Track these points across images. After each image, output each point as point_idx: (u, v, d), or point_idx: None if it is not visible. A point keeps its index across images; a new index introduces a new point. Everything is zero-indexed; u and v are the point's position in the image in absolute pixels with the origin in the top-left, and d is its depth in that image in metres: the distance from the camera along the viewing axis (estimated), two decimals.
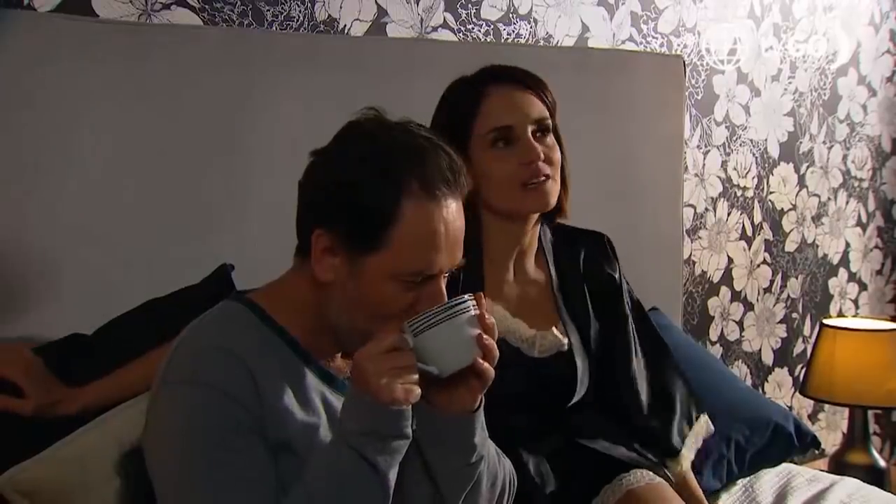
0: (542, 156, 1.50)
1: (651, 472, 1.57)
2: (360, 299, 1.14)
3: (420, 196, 1.12)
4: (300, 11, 1.94)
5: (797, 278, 3.07)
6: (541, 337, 1.57)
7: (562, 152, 1.58)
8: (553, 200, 1.53)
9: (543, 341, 1.56)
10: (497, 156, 1.51)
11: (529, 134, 1.51)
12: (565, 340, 1.58)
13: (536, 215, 1.58)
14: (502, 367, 1.51)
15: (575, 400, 1.58)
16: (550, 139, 1.54)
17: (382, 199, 1.11)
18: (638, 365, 1.66)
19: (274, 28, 1.90)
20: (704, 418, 1.72)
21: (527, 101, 1.52)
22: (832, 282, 3.20)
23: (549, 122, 1.54)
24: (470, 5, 2.20)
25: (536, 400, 1.56)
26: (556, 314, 1.60)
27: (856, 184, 3.23)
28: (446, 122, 1.53)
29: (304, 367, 1.18)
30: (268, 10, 1.89)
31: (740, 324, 2.91)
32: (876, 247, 3.35)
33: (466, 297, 1.12)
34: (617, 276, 1.69)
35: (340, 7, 1.99)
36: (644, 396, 1.65)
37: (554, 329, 1.58)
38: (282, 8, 1.91)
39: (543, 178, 1.51)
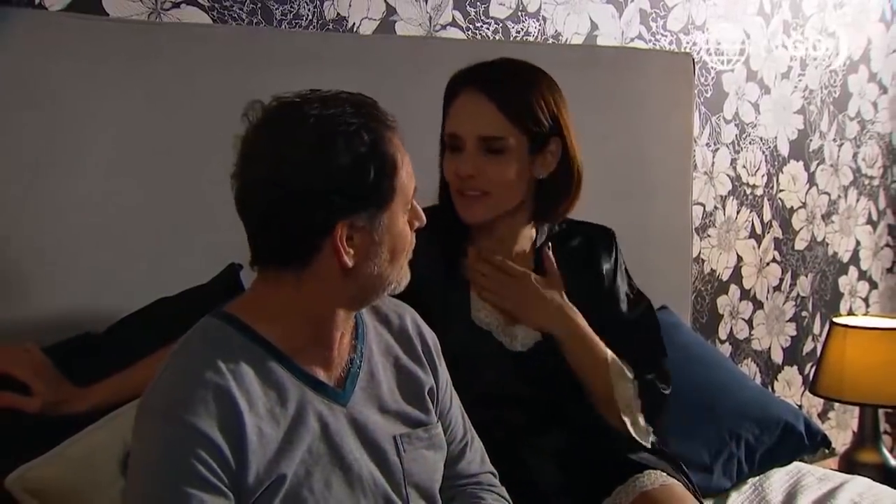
0: (468, 171, 1.51)
1: (665, 474, 1.56)
2: (391, 253, 1.17)
3: (392, 139, 1.15)
4: (309, 10, 1.94)
5: (807, 276, 3.06)
6: (521, 330, 1.58)
7: (568, 166, 1.57)
8: (482, 215, 1.54)
9: (524, 334, 1.58)
10: (448, 158, 1.55)
11: (474, 147, 1.51)
12: (539, 333, 1.59)
13: (513, 217, 1.58)
14: (488, 362, 1.54)
15: (568, 395, 1.59)
16: (500, 157, 1.51)
17: (385, 160, 1.13)
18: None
19: (283, 26, 1.90)
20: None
21: (482, 114, 1.51)
22: (842, 280, 3.19)
23: (503, 142, 1.50)
24: (479, 3, 2.20)
25: (527, 395, 1.57)
26: None
27: (866, 181, 3.22)
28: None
29: (293, 379, 1.15)
30: (277, 9, 1.89)
31: (750, 322, 2.90)
32: (886, 245, 3.33)
33: None
34: (611, 271, 1.67)
35: (349, 5, 1.99)
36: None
37: None
38: (291, 6, 1.91)
39: (473, 192, 1.52)
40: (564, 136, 1.57)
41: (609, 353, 1.60)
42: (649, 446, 1.60)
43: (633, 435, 1.59)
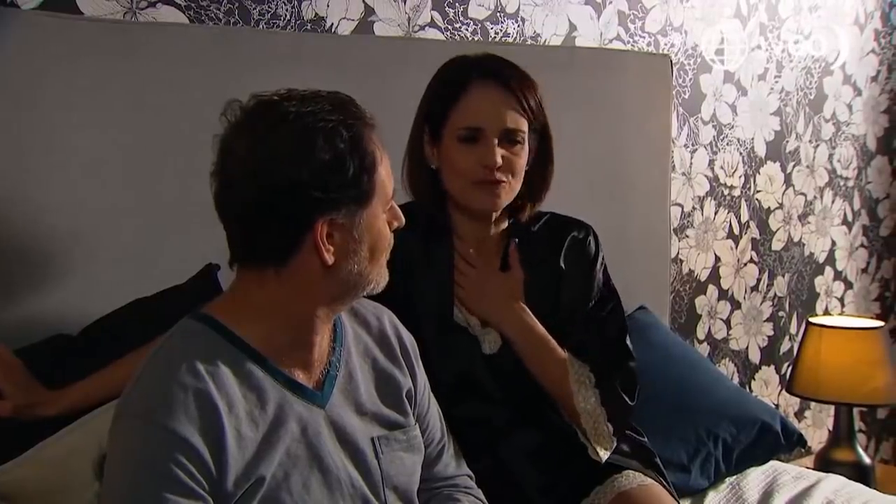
0: (499, 162, 1.51)
1: (642, 475, 1.57)
2: (371, 251, 1.17)
3: (371, 136, 1.17)
4: (287, 10, 1.93)
5: (784, 277, 3.09)
6: (489, 332, 1.58)
7: (548, 155, 1.60)
8: (502, 204, 1.56)
9: (491, 337, 1.58)
10: (461, 149, 1.54)
11: (496, 139, 1.52)
12: (500, 337, 1.58)
13: (500, 212, 1.59)
14: (468, 360, 1.54)
15: (543, 396, 1.58)
16: (518, 147, 1.54)
17: (365, 156, 1.14)
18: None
19: (261, 27, 1.89)
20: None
21: (505, 107, 1.52)
22: (818, 280, 3.22)
23: (522, 134, 1.53)
24: (457, 4, 2.20)
25: (504, 392, 1.57)
26: None
27: (841, 183, 3.25)
28: (432, 97, 1.57)
29: (272, 381, 1.15)
30: (254, 9, 1.88)
31: (727, 322, 2.92)
32: (861, 245, 3.37)
33: None
34: (586, 265, 1.65)
35: (328, 6, 1.98)
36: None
37: None
38: (269, 6, 1.90)
39: (498, 181, 1.53)
40: (549, 131, 1.59)
41: (566, 354, 1.57)
42: (602, 461, 1.54)
43: (593, 446, 1.54)
